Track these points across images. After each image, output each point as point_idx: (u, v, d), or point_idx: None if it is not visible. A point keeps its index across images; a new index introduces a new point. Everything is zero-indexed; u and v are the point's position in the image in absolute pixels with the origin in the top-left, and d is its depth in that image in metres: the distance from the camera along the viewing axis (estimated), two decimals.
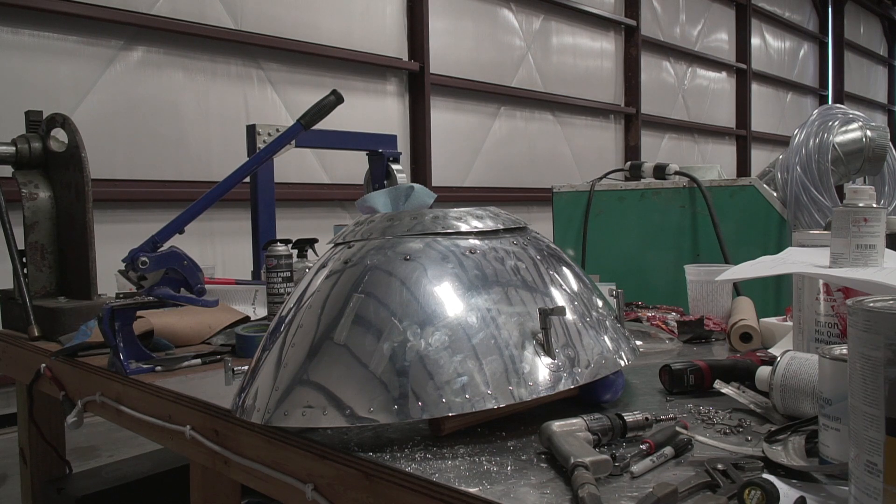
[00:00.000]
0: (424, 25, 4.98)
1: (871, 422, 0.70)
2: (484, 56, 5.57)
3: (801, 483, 0.86)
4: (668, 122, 7.66)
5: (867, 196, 1.20)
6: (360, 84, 4.69)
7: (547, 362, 1.03)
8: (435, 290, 1.06)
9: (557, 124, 6.33)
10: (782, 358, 1.12)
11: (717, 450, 0.97)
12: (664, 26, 7.61)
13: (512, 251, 1.15)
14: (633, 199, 2.34)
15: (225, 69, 3.99)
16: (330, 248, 1.24)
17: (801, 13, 10.34)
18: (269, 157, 1.95)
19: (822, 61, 10.85)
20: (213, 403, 1.32)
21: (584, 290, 1.20)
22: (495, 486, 0.88)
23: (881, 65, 12.75)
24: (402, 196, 1.63)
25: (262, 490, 1.22)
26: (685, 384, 1.25)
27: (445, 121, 5.25)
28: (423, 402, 0.98)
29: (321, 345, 1.06)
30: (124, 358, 1.58)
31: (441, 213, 1.18)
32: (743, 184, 2.21)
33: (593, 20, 6.65)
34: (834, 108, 2.33)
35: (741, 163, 8.98)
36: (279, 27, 4.21)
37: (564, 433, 0.96)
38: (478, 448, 1.01)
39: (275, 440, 1.15)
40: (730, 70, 8.79)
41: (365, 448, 1.02)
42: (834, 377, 0.86)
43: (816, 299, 1.28)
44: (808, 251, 1.34)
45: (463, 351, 1.01)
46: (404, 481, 0.94)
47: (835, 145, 2.19)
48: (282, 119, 4.20)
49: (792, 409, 1.08)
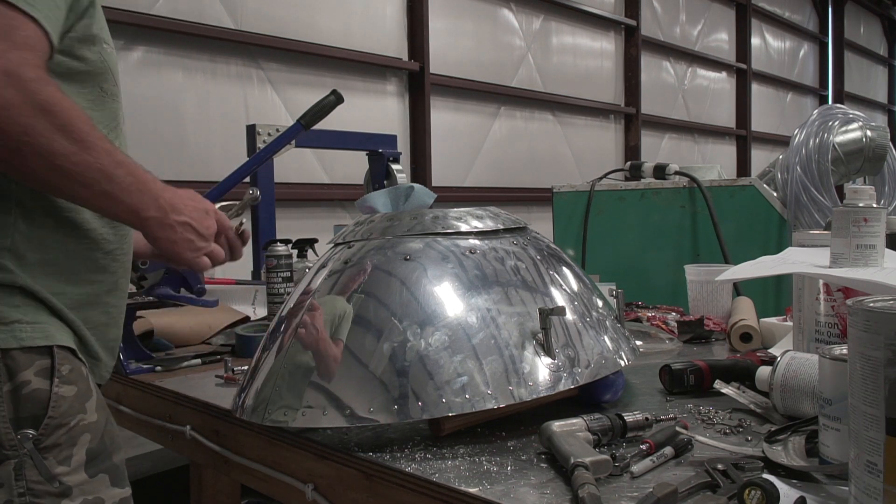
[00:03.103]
0: (424, 25, 4.98)
1: (871, 422, 0.70)
2: (484, 56, 5.57)
3: (801, 483, 0.87)
4: (668, 122, 7.65)
5: (867, 196, 1.19)
6: (360, 84, 4.68)
7: (547, 362, 1.03)
8: (435, 290, 1.06)
9: (557, 124, 6.32)
10: (782, 358, 1.12)
11: (717, 450, 0.97)
12: (664, 26, 7.61)
13: (512, 251, 1.15)
14: (633, 199, 2.34)
15: (225, 69, 3.99)
16: (330, 248, 1.24)
17: (801, 13, 10.33)
18: (269, 157, 1.95)
19: (822, 61, 10.85)
20: (213, 403, 1.32)
21: (584, 290, 1.20)
22: (495, 486, 0.88)
23: (881, 65, 12.74)
24: (402, 196, 1.63)
25: (262, 490, 1.22)
26: (685, 384, 1.25)
27: (445, 121, 5.24)
28: (423, 402, 0.98)
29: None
30: (124, 358, 1.58)
31: (441, 213, 1.18)
32: (743, 184, 2.21)
33: (593, 20, 6.65)
34: (834, 108, 2.33)
35: (741, 163, 8.97)
36: (279, 27, 4.21)
37: (564, 433, 0.96)
38: (478, 448, 1.01)
39: (275, 440, 1.15)
40: (730, 70, 8.78)
41: (365, 448, 1.02)
42: (834, 377, 0.86)
43: (816, 299, 1.28)
44: (808, 251, 1.34)
45: (463, 351, 1.01)
46: (404, 481, 0.94)
47: (835, 145, 2.19)
48: (282, 119, 4.20)
49: (792, 409, 1.08)
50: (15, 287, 1.03)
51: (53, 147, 0.93)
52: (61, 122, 0.93)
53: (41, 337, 1.03)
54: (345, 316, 1.07)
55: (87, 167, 0.96)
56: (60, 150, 0.93)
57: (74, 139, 0.94)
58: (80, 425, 1.05)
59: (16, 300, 1.03)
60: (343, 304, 1.09)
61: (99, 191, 0.98)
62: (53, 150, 0.93)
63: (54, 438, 1.02)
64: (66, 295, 1.07)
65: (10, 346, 1.00)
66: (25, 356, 1.01)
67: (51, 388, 1.02)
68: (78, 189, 0.98)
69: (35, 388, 1.01)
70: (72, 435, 1.03)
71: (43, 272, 1.05)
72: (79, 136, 0.95)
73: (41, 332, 1.03)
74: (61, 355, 1.04)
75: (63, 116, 0.94)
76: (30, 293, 1.04)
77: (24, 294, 1.03)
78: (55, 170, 0.94)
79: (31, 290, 1.03)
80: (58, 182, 0.97)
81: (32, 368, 1.01)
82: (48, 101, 0.92)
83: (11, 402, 1.00)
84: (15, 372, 1.00)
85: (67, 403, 1.03)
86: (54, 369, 1.03)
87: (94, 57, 1.09)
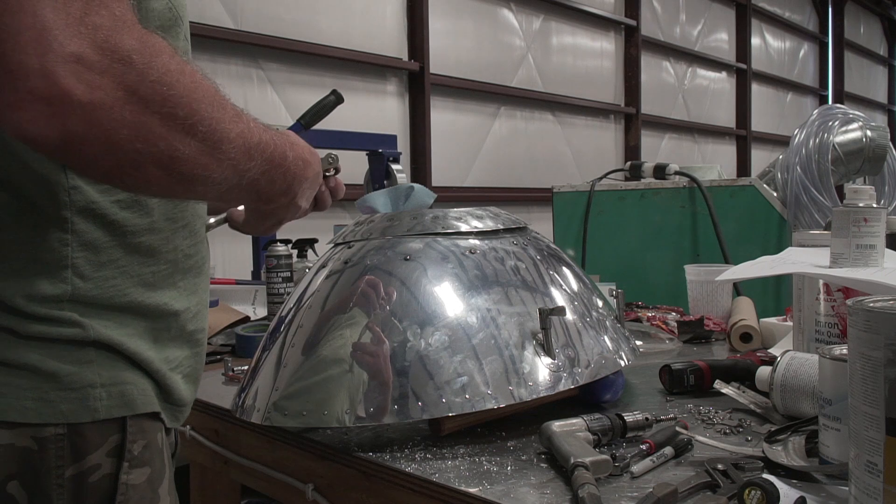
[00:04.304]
0: (424, 25, 4.98)
1: (871, 422, 0.70)
2: (484, 56, 5.57)
3: (801, 483, 0.87)
4: (668, 122, 7.65)
5: (867, 196, 1.19)
6: (360, 84, 4.68)
7: (547, 362, 1.03)
8: (435, 290, 1.06)
9: (557, 124, 6.33)
10: (782, 358, 1.12)
11: (717, 450, 0.97)
12: (664, 26, 7.61)
13: (512, 251, 1.15)
14: (633, 199, 2.34)
15: (225, 69, 3.99)
16: (330, 248, 1.24)
17: (801, 13, 10.33)
18: None
19: (822, 61, 10.85)
20: (213, 403, 1.32)
21: (584, 290, 1.20)
22: (495, 486, 0.88)
23: (881, 65, 12.74)
24: (402, 196, 1.63)
25: (262, 490, 1.22)
26: (685, 384, 1.25)
27: (445, 121, 5.24)
28: (423, 402, 0.98)
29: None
30: None
31: (441, 213, 1.18)
32: (743, 184, 2.21)
33: (593, 20, 6.65)
34: (834, 108, 2.33)
35: (741, 163, 8.98)
36: (279, 27, 4.21)
37: (564, 433, 0.96)
38: (478, 448, 1.01)
39: (275, 440, 1.15)
40: (730, 70, 8.78)
41: (365, 448, 1.02)
42: (834, 377, 0.86)
43: (816, 299, 1.28)
44: (808, 251, 1.34)
45: (463, 351, 1.01)
46: (404, 481, 0.94)
47: (835, 145, 2.19)
48: (282, 119, 4.20)
49: (792, 409, 1.08)
50: (87, 342, 0.78)
51: (177, 151, 0.67)
52: (185, 112, 0.67)
53: (119, 405, 0.79)
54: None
55: (218, 166, 0.72)
56: (186, 154, 0.68)
57: (203, 135, 0.69)
58: None
59: (88, 354, 0.78)
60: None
61: (227, 188, 0.75)
62: (177, 154, 0.67)
63: None
64: (145, 336, 0.84)
65: (81, 419, 0.76)
66: (97, 431, 0.77)
67: (118, 473, 0.78)
68: (203, 191, 0.74)
69: (105, 475, 0.77)
70: None
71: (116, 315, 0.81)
72: (209, 129, 0.69)
73: (119, 399, 0.79)
74: (135, 427, 0.80)
75: (186, 104, 0.67)
76: (104, 345, 0.79)
77: (98, 347, 0.79)
78: (180, 178, 0.69)
79: (106, 341, 0.79)
80: (178, 189, 0.73)
81: (105, 447, 0.78)
82: (161, 81, 0.64)
83: (73, 492, 0.76)
84: (84, 453, 0.76)
85: (138, 494, 0.80)
86: (124, 448, 0.79)
87: (159, 6, 0.80)
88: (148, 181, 0.68)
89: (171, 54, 0.66)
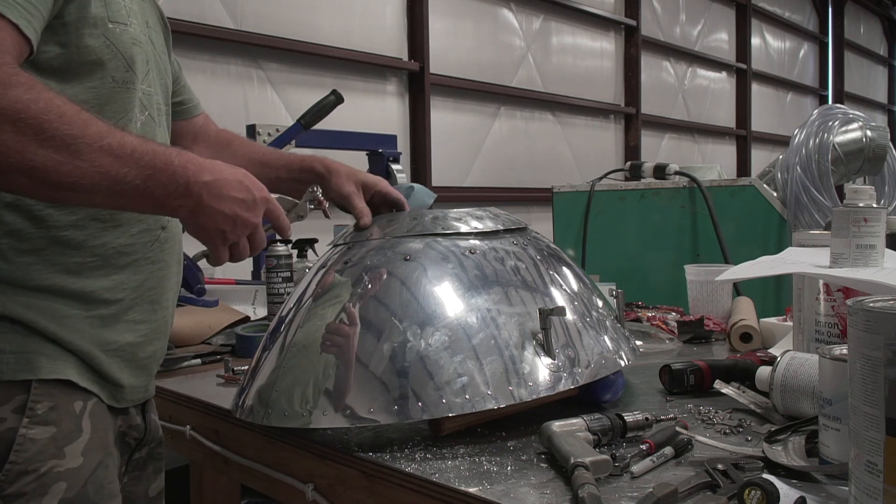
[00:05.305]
0: (424, 25, 4.98)
1: (871, 422, 0.70)
2: (484, 56, 5.57)
3: (801, 483, 0.87)
4: (668, 122, 7.65)
5: (867, 196, 1.19)
6: (359, 84, 4.68)
7: (547, 362, 1.03)
8: (435, 290, 1.06)
9: (557, 124, 6.32)
10: (782, 358, 1.12)
11: (717, 450, 0.97)
12: (664, 26, 7.61)
13: (512, 251, 1.15)
14: (633, 199, 2.34)
15: (225, 69, 3.99)
16: (330, 249, 1.24)
17: (801, 13, 10.33)
18: None
19: (822, 61, 10.84)
20: (213, 403, 1.32)
21: (584, 290, 1.20)
22: (495, 486, 0.88)
23: (881, 65, 12.73)
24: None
25: (262, 490, 1.22)
26: (685, 384, 1.25)
27: (445, 121, 5.24)
28: (423, 402, 0.98)
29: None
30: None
31: (441, 213, 1.18)
32: (743, 184, 2.21)
33: (593, 20, 6.64)
34: (834, 108, 2.33)
35: (741, 163, 8.97)
36: (279, 27, 4.21)
37: (564, 433, 0.96)
38: (478, 448, 1.01)
39: (275, 440, 1.15)
40: (730, 70, 8.78)
41: (365, 448, 1.02)
42: (834, 377, 0.86)
43: (816, 299, 1.28)
44: (808, 251, 1.34)
45: (463, 351, 1.01)
46: (404, 481, 0.94)
47: (835, 145, 2.19)
48: (282, 119, 4.19)
49: (792, 409, 1.08)
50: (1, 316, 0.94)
51: (33, 161, 0.81)
52: (34, 129, 0.80)
53: (25, 370, 0.94)
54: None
55: (83, 174, 0.84)
56: (42, 164, 0.81)
57: (56, 147, 0.82)
58: (54, 472, 0.94)
59: (3, 326, 0.94)
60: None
61: (108, 194, 0.87)
62: (34, 164, 0.81)
63: (19, 486, 0.92)
64: (73, 318, 0.98)
65: None
66: (4, 389, 0.93)
67: (19, 427, 0.93)
68: (83, 198, 0.87)
69: (7, 428, 0.92)
70: (41, 483, 0.93)
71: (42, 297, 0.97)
72: (62, 142, 0.82)
73: (26, 364, 0.94)
74: (41, 390, 0.95)
75: (35, 123, 0.80)
76: (15, 320, 0.95)
77: (11, 321, 0.95)
78: (46, 185, 0.83)
79: (17, 317, 0.94)
80: (56, 196, 0.87)
81: (10, 405, 0.93)
82: (11, 107, 0.79)
83: None
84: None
85: (37, 447, 0.93)
86: (27, 406, 0.93)
87: (95, 43, 0.95)
88: (19, 187, 0.85)
89: (27, 88, 0.82)
